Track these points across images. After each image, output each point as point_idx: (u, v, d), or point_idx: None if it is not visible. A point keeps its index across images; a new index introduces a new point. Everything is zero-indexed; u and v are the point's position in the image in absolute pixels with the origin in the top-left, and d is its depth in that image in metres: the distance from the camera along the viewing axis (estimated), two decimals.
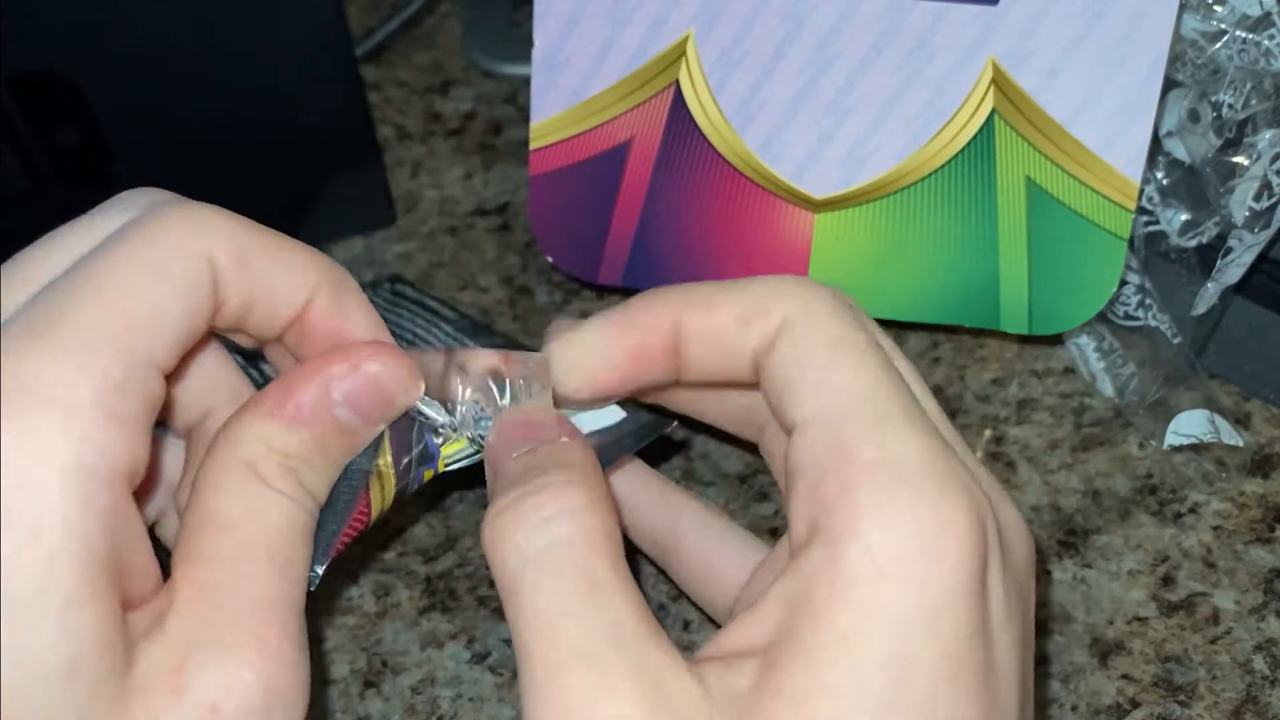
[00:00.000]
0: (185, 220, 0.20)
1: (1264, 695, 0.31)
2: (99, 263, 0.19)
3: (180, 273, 0.19)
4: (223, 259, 0.20)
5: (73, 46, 0.37)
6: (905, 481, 0.19)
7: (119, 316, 0.18)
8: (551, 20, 0.38)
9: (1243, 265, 0.36)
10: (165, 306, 0.19)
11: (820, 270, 0.38)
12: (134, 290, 0.19)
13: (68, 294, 0.18)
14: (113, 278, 0.19)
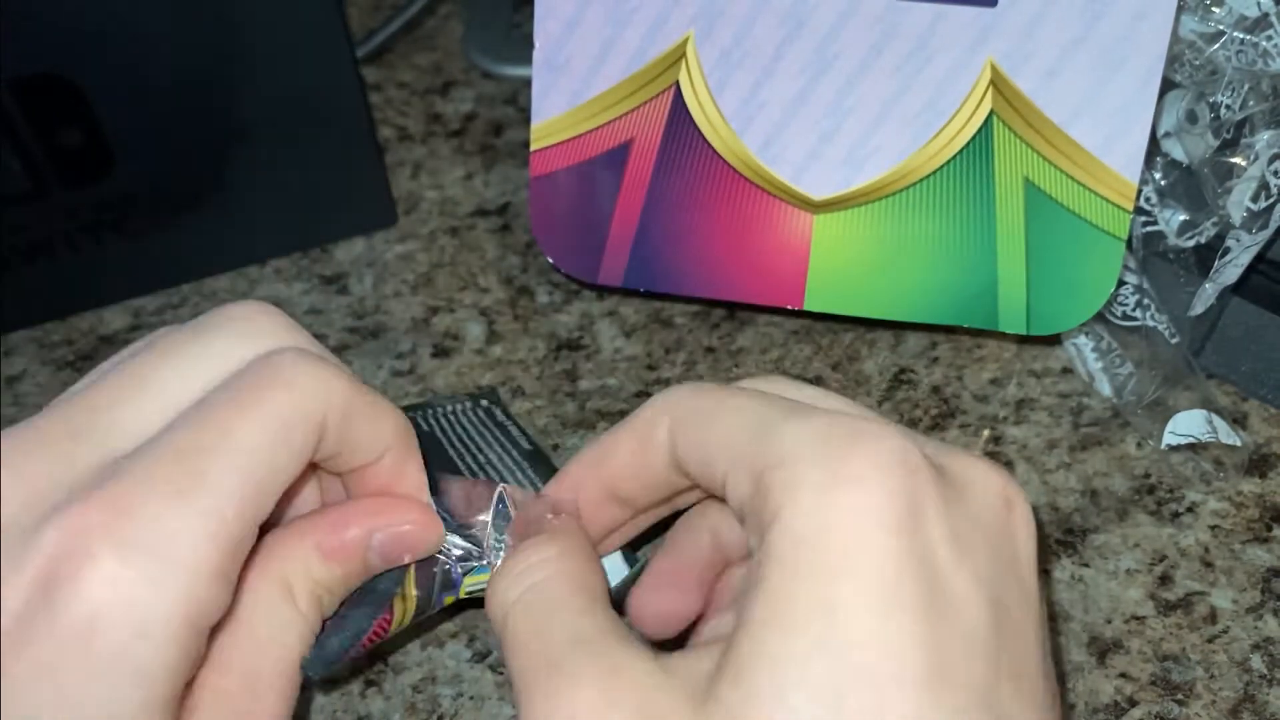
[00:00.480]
0: (309, 381, 0.22)
1: (1261, 694, 0.32)
2: (233, 419, 0.21)
3: (300, 438, 0.21)
4: (332, 420, 0.22)
5: (74, 48, 0.37)
6: (803, 457, 0.20)
7: (250, 486, 0.20)
8: (552, 22, 0.38)
9: (1240, 265, 0.36)
10: (284, 472, 0.21)
11: (819, 271, 0.38)
12: (263, 457, 0.20)
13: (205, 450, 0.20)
14: (245, 439, 0.20)
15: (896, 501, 0.19)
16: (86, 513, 0.19)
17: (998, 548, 0.20)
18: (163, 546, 0.19)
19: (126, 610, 0.19)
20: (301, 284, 0.44)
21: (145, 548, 0.19)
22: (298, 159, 0.43)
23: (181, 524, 0.19)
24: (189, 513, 0.20)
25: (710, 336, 0.42)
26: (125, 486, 0.20)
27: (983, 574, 0.20)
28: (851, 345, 0.41)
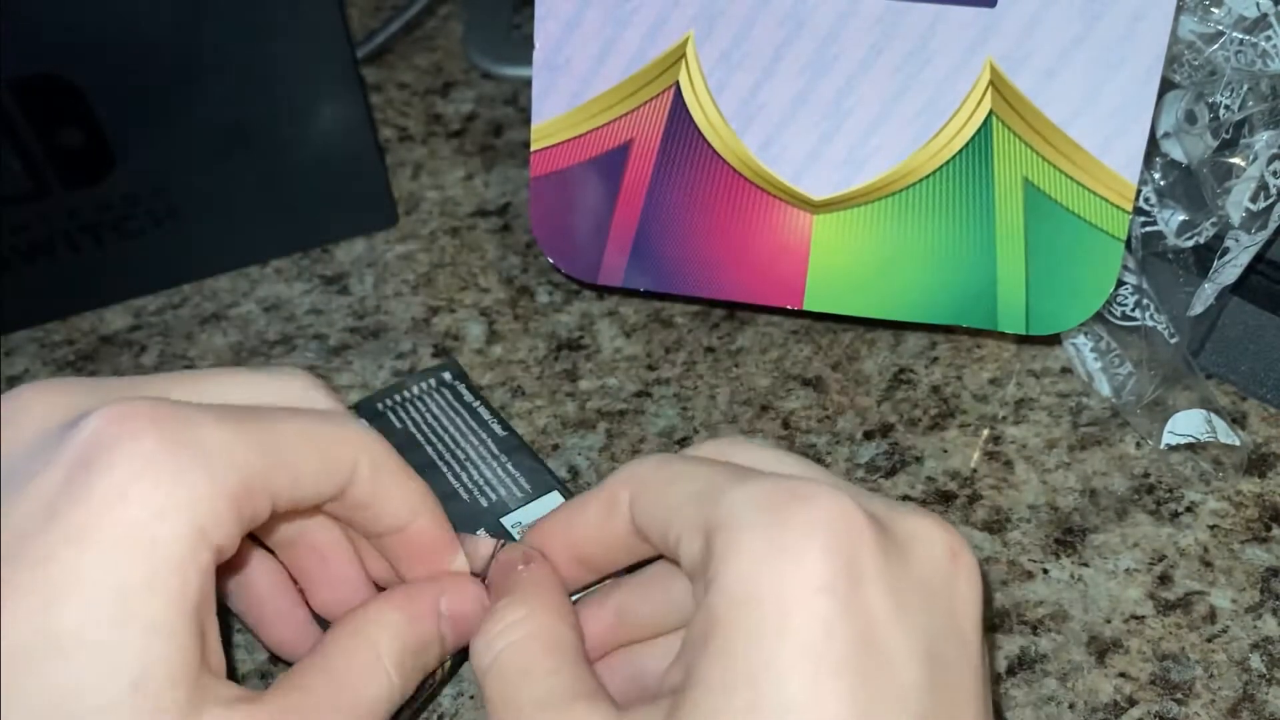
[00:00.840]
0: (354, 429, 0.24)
1: (1261, 694, 0.32)
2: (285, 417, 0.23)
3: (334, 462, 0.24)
4: (364, 466, 0.24)
5: (74, 49, 0.37)
6: (744, 522, 0.21)
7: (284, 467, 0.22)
8: (552, 22, 0.38)
9: (1239, 265, 0.36)
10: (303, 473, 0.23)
11: (819, 271, 0.38)
12: (294, 452, 0.23)
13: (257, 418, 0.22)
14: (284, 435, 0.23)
15: (833, 563, 0.20)
16: (137, 405, 0.21)
17: (938, 603, 0.21)
18: (197, 450, 0.21)
19: (152, 490, 0.20)
20: (302, 284, 0.45)
21: (183, 443, 0.21)
22: (298, 159, 0.43)
23: (220, 440, 0.21)
24: (229, 437, 0.21)
25: (710, 336, 0.42)
26: (177, 406, 0.21)
27: (920, 630, 0.20)
28: (851, 345, 0.41)
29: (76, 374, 0.41)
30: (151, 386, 0.24)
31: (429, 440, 0.37)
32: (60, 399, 0.22)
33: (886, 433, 0.39)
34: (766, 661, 0.19)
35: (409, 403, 0.38)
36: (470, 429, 0.37)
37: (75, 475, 0.20)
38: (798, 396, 0.40)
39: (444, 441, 0.37)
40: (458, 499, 0.35)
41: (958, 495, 0.37)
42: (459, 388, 0.39)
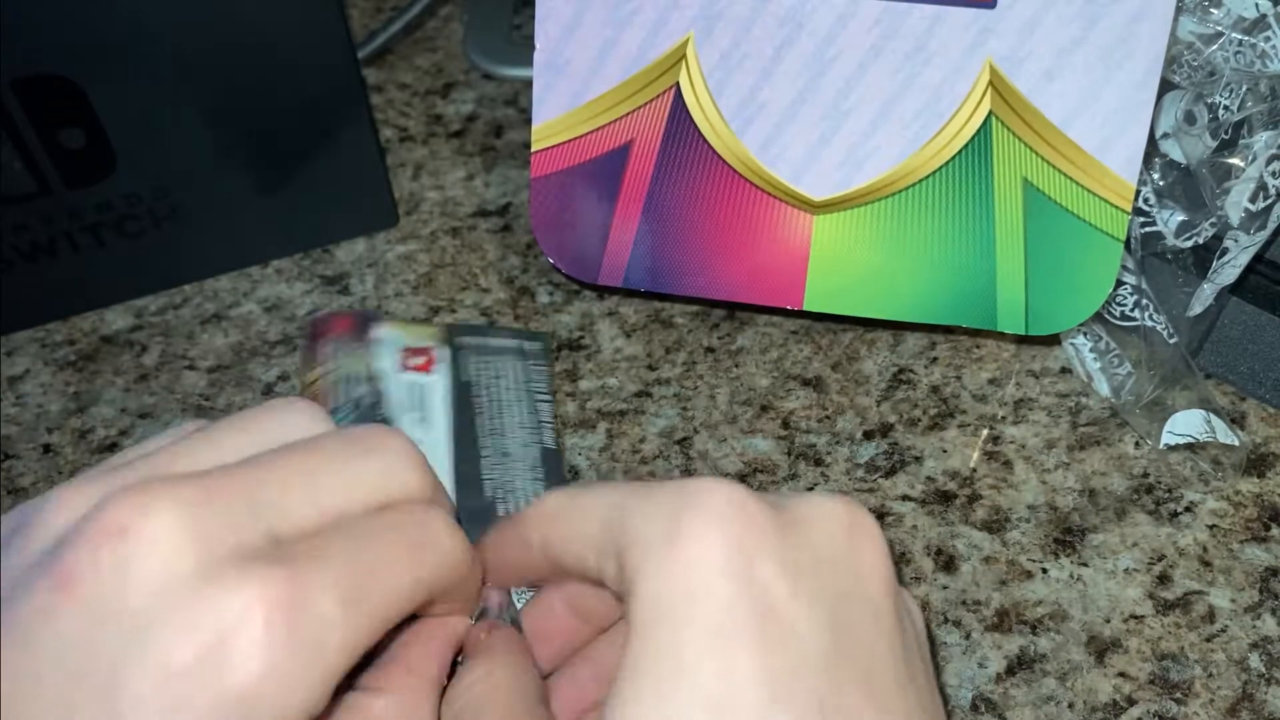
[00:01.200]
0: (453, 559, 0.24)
1: (1260, 693, 0.32)
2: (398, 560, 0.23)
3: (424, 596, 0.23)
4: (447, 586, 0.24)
5: (76, 50, 0.37)
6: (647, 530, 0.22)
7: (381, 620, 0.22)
8: (553, 23, 0.38)
9: (1238, 266, 0.36)
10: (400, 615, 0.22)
11: (819, 271, 0.38)
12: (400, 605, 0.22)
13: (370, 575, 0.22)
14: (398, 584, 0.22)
15: (726, 548, 0.21)
16: (271, 583, 0.20)
17: (840, 574, 0.22)
18: (320, 650, 0.20)
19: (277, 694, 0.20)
20: (303, 284, 0.45)
21: (308, 644, 0.20)
22: (299, 160, 0.43)
23: (340, 635, 0.21)
24: (349, 625, 0.21)
25: (710, 336, 0.42)
26: (302, 571, 0.21)
27: (822, 600, 0.21)
28: (851, 345, 0.41)
29: (78, 374, 0.42)
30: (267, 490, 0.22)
31: (482, 409, 0.37)
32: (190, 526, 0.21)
33: (886, 433, 0.39)
34: (677, 650, 0.21)
35: (487, 366, 0.39)
36: (524, 424, 0.38)
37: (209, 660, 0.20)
38: (797, 396, 0.40)
39: (495, 422, 0.37)
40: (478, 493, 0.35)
41: (957, 495, 0.37)
42: (535, 371, 0.39)
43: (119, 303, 0.44)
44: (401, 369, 0.38)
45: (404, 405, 0.37)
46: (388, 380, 0.37)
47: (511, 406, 0.38)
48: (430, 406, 0.37)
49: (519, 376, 0.39)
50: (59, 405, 0.41)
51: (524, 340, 0.40)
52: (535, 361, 0.39)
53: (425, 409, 0.37)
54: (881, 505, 0.37)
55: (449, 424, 0.36)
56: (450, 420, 0.37)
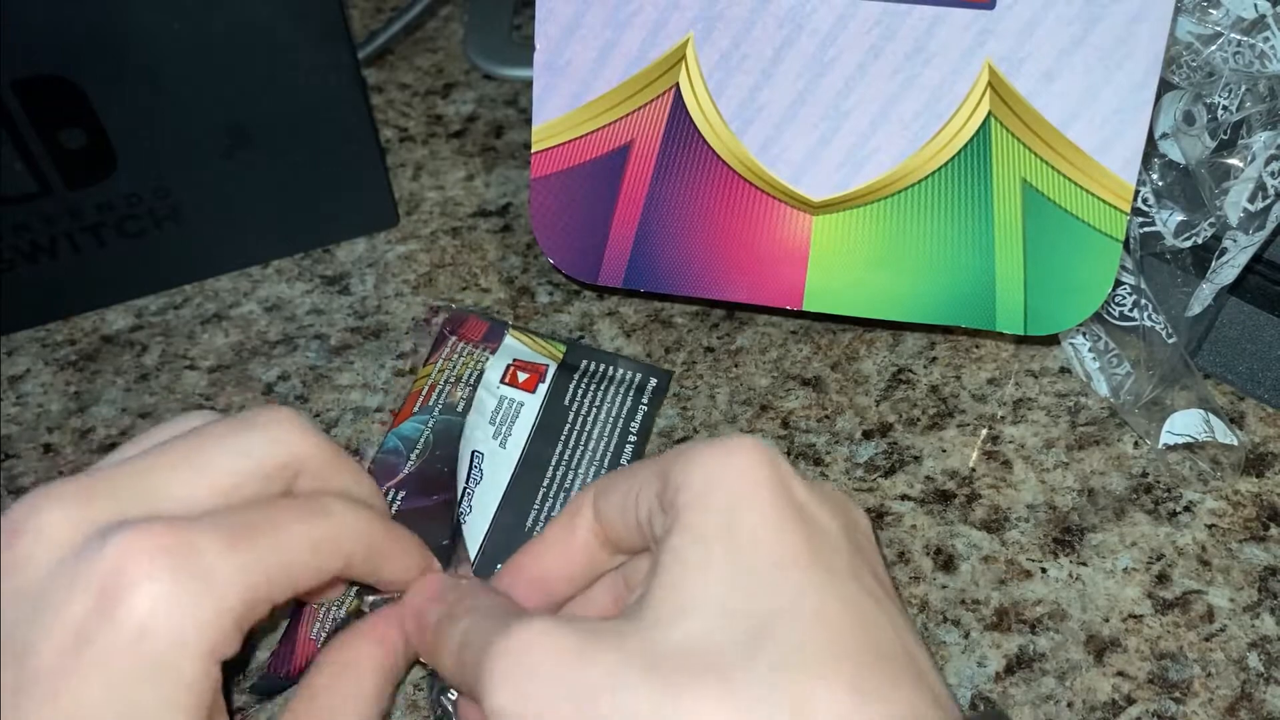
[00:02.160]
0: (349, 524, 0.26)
1: (1259, 692, 0.32)
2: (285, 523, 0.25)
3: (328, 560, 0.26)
4: (359, 554, 0.27)
5: (77, 50, 0.37)
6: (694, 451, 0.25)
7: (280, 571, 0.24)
8: (553, 24, 0.38)
9: (1237, 266, 0.36)
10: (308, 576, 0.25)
11: (818, 271, 0.38)
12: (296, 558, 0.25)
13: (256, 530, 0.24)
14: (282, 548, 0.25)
15: (767, 463, 0.25)
16: (151, 533, 0.23)
17: (842, 511, 0.26)
18: (207, 581, 0.23)
19: (170, 623, 0.22)
20: (303, 284, 0.45)
21: (194, 576, 0.23)
22: (299, 160, 0.43)
23: (226, 570, 0.23)
24: (234, 564, 0.23)
25: (710, 336, 0.42)
26: (185, 525, 0.23)
27: (836, 519, 0.25)
28: (850, 345, 0.42)
29: (78, 374, 0.42)
30: (153, 475, 0.25)
31: (571, 434, 0.37)
32: (73, 513, 0.23)
33: (885, 432, 0.39)
34: (734, 514, 0.24)
35: (593, 391, 0.38)
36: (601, 454, 0.37)
37: (102, 607, 0.22)
38: (797, 396, 0.40)
39: (576, 453, 0.37)
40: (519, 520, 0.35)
41: (956, 495, 0.37)
42: (640, 412, 0.38)
43: (119, 303, 0.44)
44: (504, 381, 0.38)
45: (489, 419, 0.37)
46: (486, 389, 0.37)
47: (596, 442, 0.37)
48: (516, 426, 0.37)
49: (619, 412, 0.38)
50: (59, 405, 0.41)
51: (646, 374, 0.39)
52: (646, 399, 0.39)
53: (511, 428, 0.36)
54: (881, 505, 0.37)
55: (525, 445, 0.36)
56: (528, 441, 0.36)
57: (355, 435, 0.39)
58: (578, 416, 0.37)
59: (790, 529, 0.24)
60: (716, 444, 0.25)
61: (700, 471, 0.24)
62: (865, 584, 0.24)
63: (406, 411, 0.38)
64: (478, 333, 0.40)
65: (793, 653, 0.22)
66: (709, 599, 0.23)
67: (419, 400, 0.38)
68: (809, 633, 0.22)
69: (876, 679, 0.22)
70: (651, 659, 0.22)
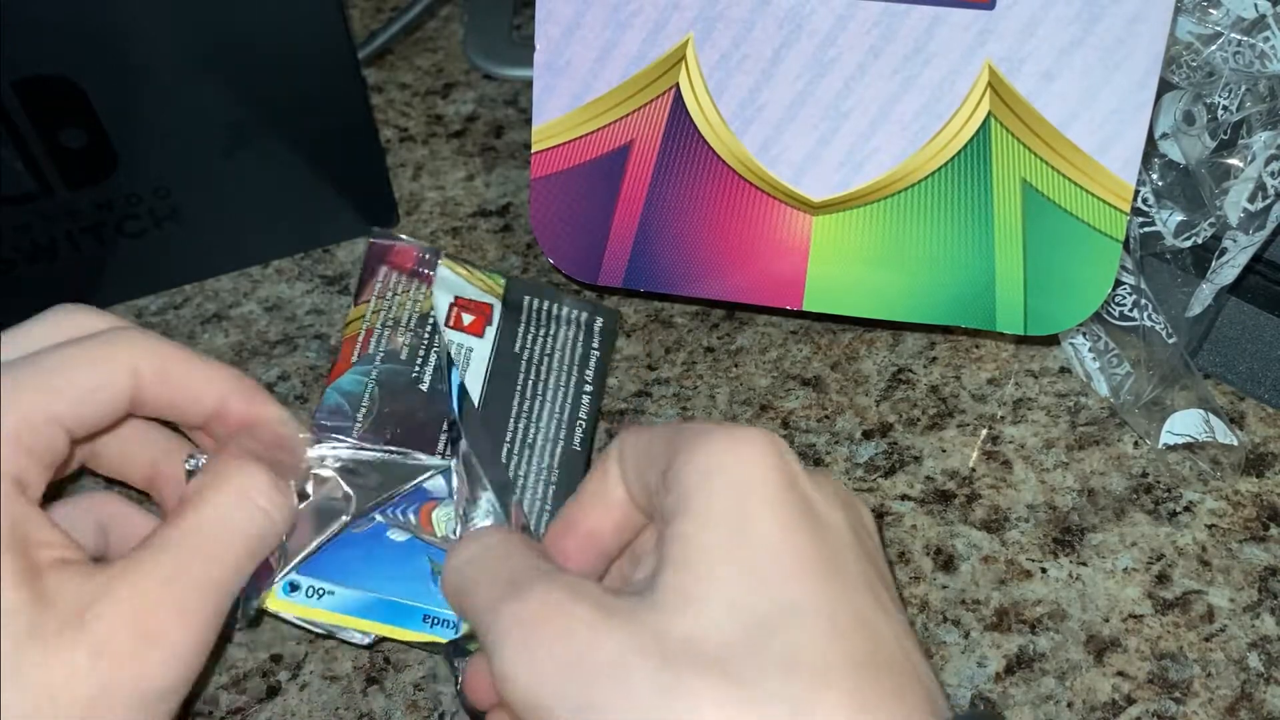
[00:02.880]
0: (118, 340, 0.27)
1: (1259, 692, 0.32)
2: (47, 354, 0.26)
3: (108, 374, 0.26)
4: (148, 372, 0.27)
5: (77, 50, 0.37)
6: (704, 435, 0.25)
7: (48, 390, 0.25)
8: (553, 25, 0.38)
9: (1237, 266, 0.36)
10: (81, 392, 0.26)
11: (818, 271, 0.38)
12: (63, 378, 0.26)
13: (20, 363, 0.26)
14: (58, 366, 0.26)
15: (777, 456, 0.24)
16: None
17: (848, 507, 0.26)
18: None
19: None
20: (303, 284, 0.45)
21: None
22: (300, 160, 0.43)
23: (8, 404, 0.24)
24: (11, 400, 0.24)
25: (710, 336, 0.42)
26: None
27: (844, 517, 0.25)
28: (850, 345, 0.42)
29: None
30: None
31: (523, 381, 0.35)
32: None
33: (885, 432, 0.39)
34: (744, 508, 0.23)
35: (545, 323, 0.37)
36: (552, 417, 0.35)
37: None
38: (797, 396, 0.40)
39: (529, 397, 0.35)
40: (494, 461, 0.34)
41: (956, 495, 0.37)
42: (593, 353, 0.37)
43: (119, 303, 0.44)
44: (448, 324, 0.35)
45: (442, 368, 0.34)
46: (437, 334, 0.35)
47: (553, 392, 0.36)
48: (468, 376, 0.34)
49: (572, 358, 0.37)
50: None
51: (593, 314, 0.38)
52: (596, 341, 0.37)
53: (463, 378, 0.34)
54: (881, 505, 0.37)
55: (480, 398, 0.34)
56: (483, 394, 0.34)
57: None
58: (530, 365, 0.36)
59: (800, 527, 0.23)
60: (725, 431, 0.25)
61: (709, 457, 0.24)
62: (873, 589, 0.24)
63: (344, 362, 0.35)
64: (409, 260, 0.37)
65: (798, 654, 0.22)
66: (718, 591, 0.23)
67: (355, 348, 0.35)
68: (815, 636, 0.22)
69: (879, 690, 0.22)
70: (659, 644, 0.22)
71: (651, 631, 0.22)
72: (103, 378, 0.26)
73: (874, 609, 0.23)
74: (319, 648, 0.34)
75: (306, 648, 0.34)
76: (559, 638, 0.23)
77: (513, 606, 0.24)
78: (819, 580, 0.23)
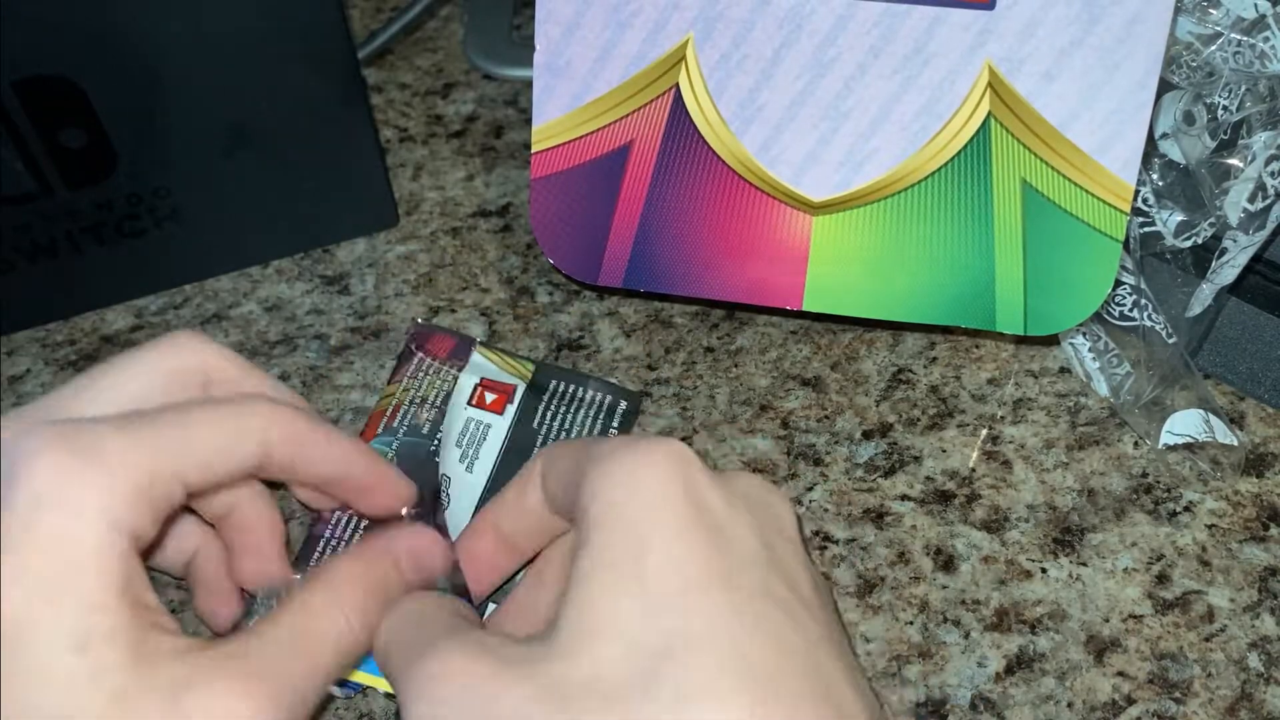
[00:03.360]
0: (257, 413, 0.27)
1: (1259, 692, 0.32)
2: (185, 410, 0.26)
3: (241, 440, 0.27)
4: (278, 442, 0.27)
5: (77, 50, 0.37)
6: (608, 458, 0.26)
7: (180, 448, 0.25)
8: (553, 25, 0.38)
9: (1237, 266, 0.36)
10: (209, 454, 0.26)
11: (818, 272, 0.38)
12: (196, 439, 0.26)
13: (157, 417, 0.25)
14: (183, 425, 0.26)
15: (677, 473, 0.25)
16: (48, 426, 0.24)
17: (759, 511, 0.26)
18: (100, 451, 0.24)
19: (65, 491, 0.23)
20: (303, 284, 0.45)
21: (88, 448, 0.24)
22: (299, 160, 0.43)
23: (120, 442, 0.24)
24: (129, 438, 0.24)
25: (710, 336, 0.42)
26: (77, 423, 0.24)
27: (750, 524, 0.25)
28: (850, 345, 0.42)
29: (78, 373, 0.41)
30: (59, 399, 0.27)
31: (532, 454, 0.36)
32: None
33: (885, 432, 0.39)
34: (641, 536, 0.24)
35: (567, 404, 0.38)
36: None
37: (4, 490, 0.23)
38: (797, 396, 0.40)
39: None
40: None
41: (956, 495, 0.37)
42: (612, 430, 0.38)
43: (119, 303, 0.44)
44: (471, 403, 0.37)
45: (458, 441, 0.36)
46: (454, 411, 0.37)
47: None
48: (484, 449, 0.36)
49: (589, 434, 0.38)
50: None
51: (617, 396, 0.39)
52: (617, 422, 0.38)
53: (478, 451, 0.36)
54: (880, 505, 0.37)
55: (492, 470, 0.36)
56: (495, 466, 0.36)
57: (354, 435, 0.39)
58: (546, 439, 0.37)
59: (698, 548, 0.24)
60: (629, 451, 0.25)
61: (609, 483, 0.25)
62: (777, 597, 0.24)
63: (370, 433, 0.37)
64: (444, 349, 0.39)
65: (691, 687, 0.22)
66: (616, 628, 0.23)
67: (383, 421, 0.37)
68: (708, 665, 0.23)
69: (777, 704, 0.22)
70: (559, 692, 0.23)
71: (551, 680, 0.23)
72: (234, 443, 0.26)
73: (777, 615, 0.24)
74: None
75: None
76: (463, 693, 0.23)
77: (422, 665, 0.24)
78: (715, 602, 0.23)
